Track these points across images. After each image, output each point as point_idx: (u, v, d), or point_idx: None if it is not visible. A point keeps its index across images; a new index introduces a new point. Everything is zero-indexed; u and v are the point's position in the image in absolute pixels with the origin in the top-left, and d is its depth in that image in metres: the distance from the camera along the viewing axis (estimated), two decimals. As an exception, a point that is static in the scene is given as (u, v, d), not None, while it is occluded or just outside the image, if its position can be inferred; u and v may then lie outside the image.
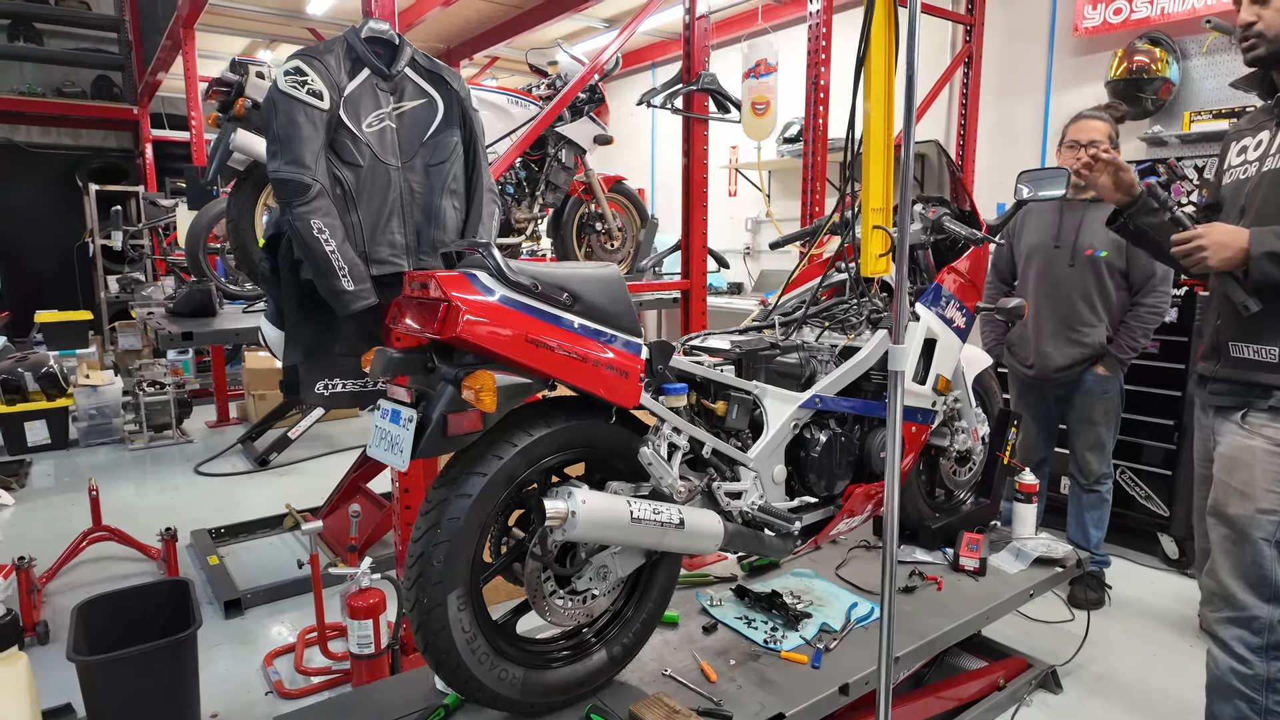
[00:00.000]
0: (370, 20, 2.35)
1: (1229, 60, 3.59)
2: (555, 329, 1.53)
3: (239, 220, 3.25)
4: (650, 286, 3.80)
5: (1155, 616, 3.08)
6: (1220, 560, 1.89)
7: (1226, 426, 1.90)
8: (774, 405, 1.97)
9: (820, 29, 3.61)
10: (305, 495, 4.41)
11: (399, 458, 1.48)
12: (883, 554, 1.57)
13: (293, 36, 6.36)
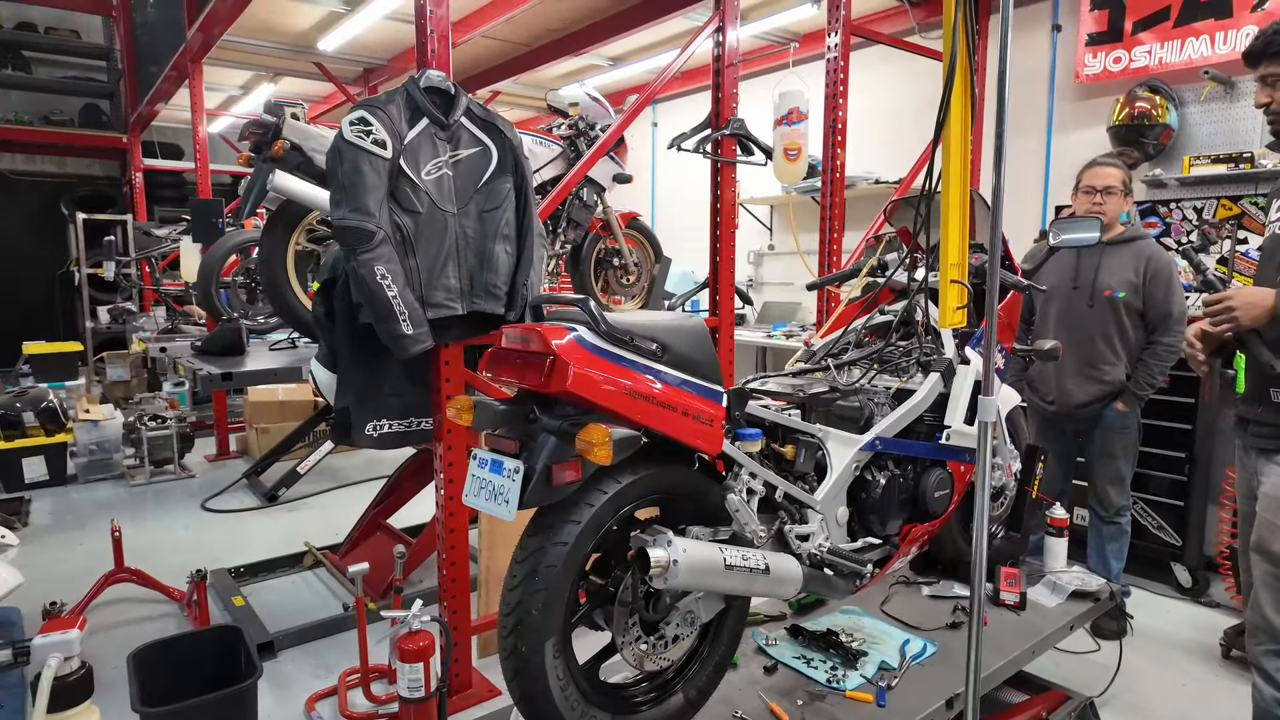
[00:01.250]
0: (429, 70, 2.41)
1: (1224, 109, 3.78)
2: (651, 380, 1.58)
3: (271, 259, 3.26)
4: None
5: (1177, 645, 3.16)
6: (1264, 595, 1.97)
7: (1270, 468, 1.99)
8: (837, 448, 2.03)
9: (838, 63, 3.73)
10: (319, 532, 4.38)
11: (504, 508, 1.50)
12: (971, 590, 1.62)
13: (298, 70, 6.40)
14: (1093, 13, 4.10)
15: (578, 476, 1.53)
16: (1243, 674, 2.93)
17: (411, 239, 2.35)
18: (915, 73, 5.02)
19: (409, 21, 5.20)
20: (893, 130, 5.16)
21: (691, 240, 5.74)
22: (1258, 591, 1.99)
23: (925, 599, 2.65)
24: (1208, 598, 3.54)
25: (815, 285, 2.77)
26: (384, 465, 5.72)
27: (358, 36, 5.40)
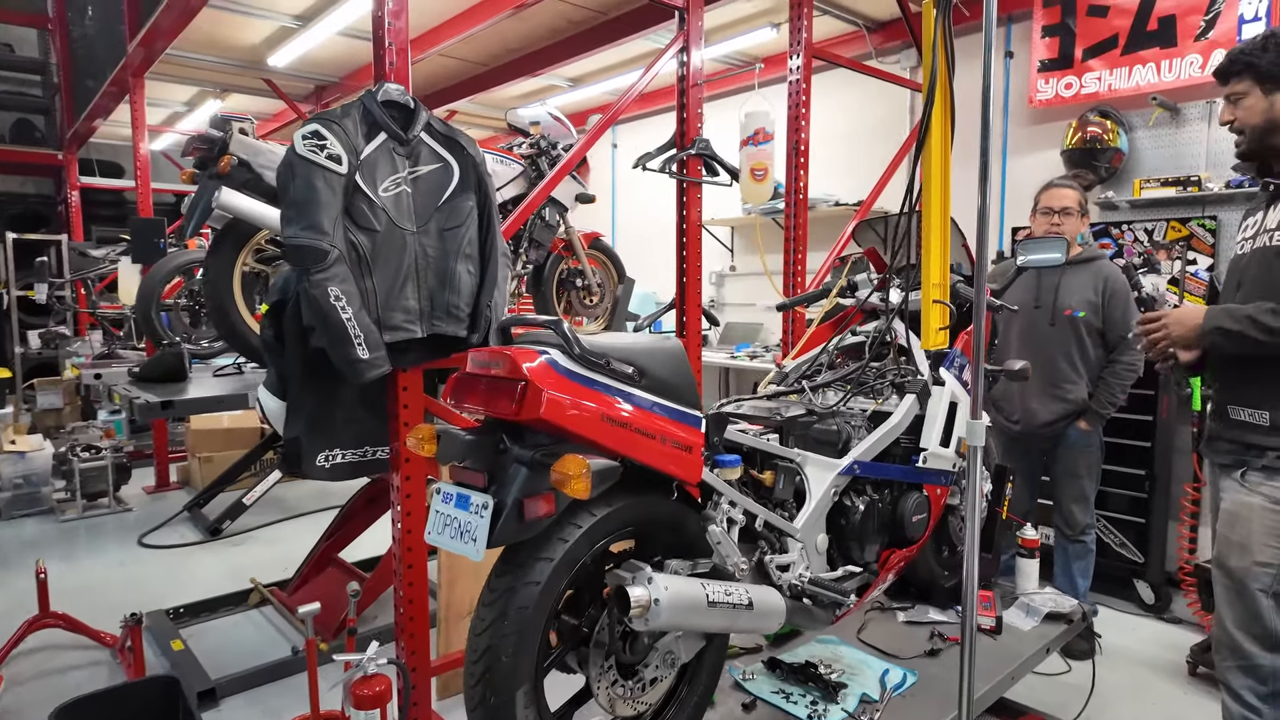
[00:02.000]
0: (387, 84, 2.31)
1: (1171, 134, 3.89)
2: (629, 406, 1.49)
3: (218, 280, 3.10)
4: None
5: (1145, 664, 3.17)
6: (1225, 611, 1.96)
7: (1228, 484, 2.00)
8: (815, 473, 1.97)
9: (800, 85, 3.74)
10: (267, 567, 4.15)
11: (471, 547, 1.40)
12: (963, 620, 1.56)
13: (247, 86, 6.22)
14: (1044, 40, 4.20)
15: (551, 510, 1.43)
16: (1211, 691, 2.95)
17: (368, 258, 2.24)
18: (872, 96, 5.08)
19: (364, 38, 5.08)
20: (851, 153, 5.21)
21: (653, 261, 5.69)
22: (1219, 608, 1.99)
23: (901, 625, 2.59)
24: (1170, 614, 3.57)
25: (785, 306, 2.73)
26: (335, 495, 5.48)
27: (309, 53, 5.26)
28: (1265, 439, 1.88)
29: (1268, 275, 1.83)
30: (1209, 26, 3.66)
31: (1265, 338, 1.73)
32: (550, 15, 4.84)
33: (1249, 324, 1.75)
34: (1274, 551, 1.85)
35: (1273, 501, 1.85)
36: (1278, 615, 1.85)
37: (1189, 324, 1.86)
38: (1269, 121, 1.86)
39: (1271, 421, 1.86)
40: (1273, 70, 1.85)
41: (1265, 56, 1.85)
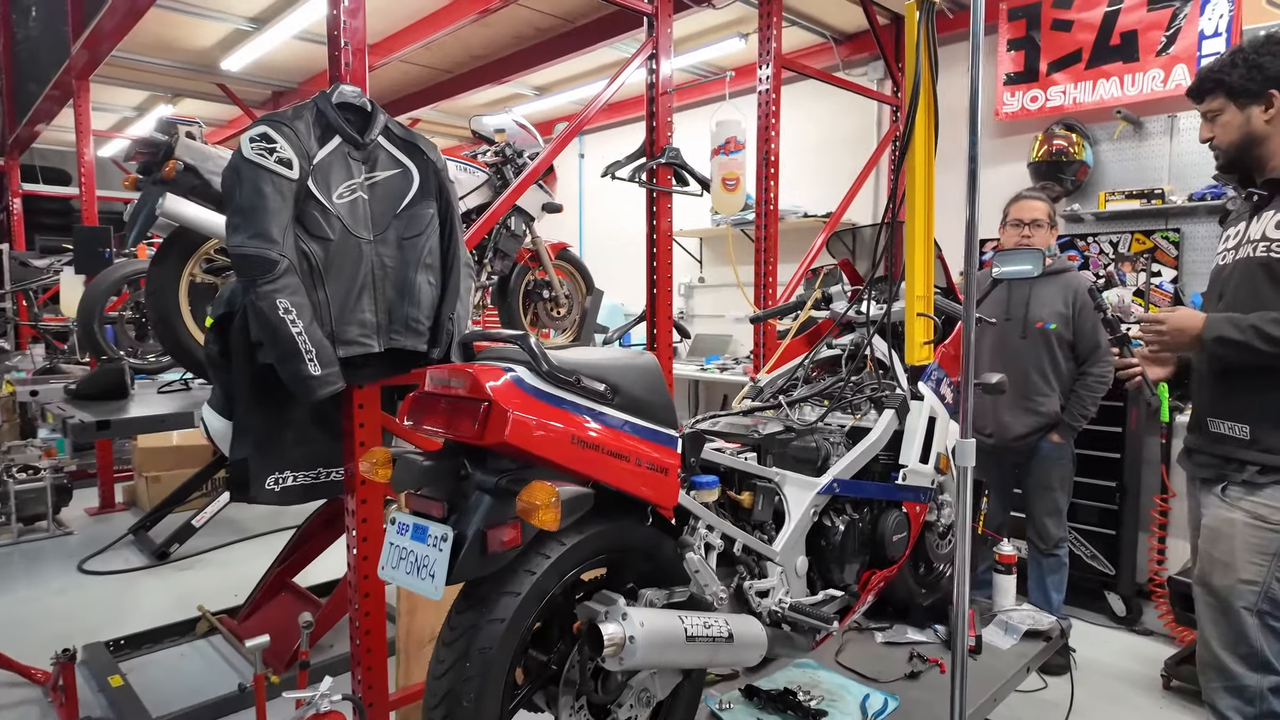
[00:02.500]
0: (342, 85, 2.19)
1: (1134, 147, 3.93)
2: (601, 427, 1.40)
3: (162, 291, 2.93)
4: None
5: (1120, 678, 3.15)
6: (1209, 630, 1.92)
7: (1210, 499, 1.96)
8: (794, 492, 1.89)
9: (770, 95, 3.70)
10: (216, 593, 3.95)
11: (429, 584, 1.28)
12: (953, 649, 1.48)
13: (200, 91, 6.00)
14: (1010, 53, 4.23)
15: (517, 541, 1.32)
16: (1186, 705, 2.93)
17: (321, 268, 2.11)
18: (839, 108, 5.08)
19: (322, 42, 4.94)
20: (818, 165, 5.19)
21: (621, 272, 5.61)
22: (1203, 627, 1.95)
23: (880, 646, 2.52)
24: (1142, 625, 3.56)
25: (759, 318, 2.66)
26: (290, 516, 5.27)
27: (265, 57, 5.09)
28: (1245, 453, 1.85)
29: (1250, 288, 1.80)
30: (1170, 42, 3.71)
31: (1269, 348, 1.70)
32: (515, 22, 4.75)
33: (1253, 334, 1.71)
34: (1258, 569, 1.81)
35: (1255, 517, 1.82)
36: (1263, 634, 1.81)
37: (1189, 331, 1.81)
38: (1246, 135, 1.84)
39: (1251, 435, 1.83)
40: (1244, 85, 1.83)
41: (1235, 72, 1.84)
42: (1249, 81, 1.83)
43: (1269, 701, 1.81)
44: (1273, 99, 1.79)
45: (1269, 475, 1.80)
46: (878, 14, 4.47)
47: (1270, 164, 1.82)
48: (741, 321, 5.62)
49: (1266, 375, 1.77)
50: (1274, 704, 1.80)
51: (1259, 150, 1.83)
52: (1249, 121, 1.83)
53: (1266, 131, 1.81)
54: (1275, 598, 1.80)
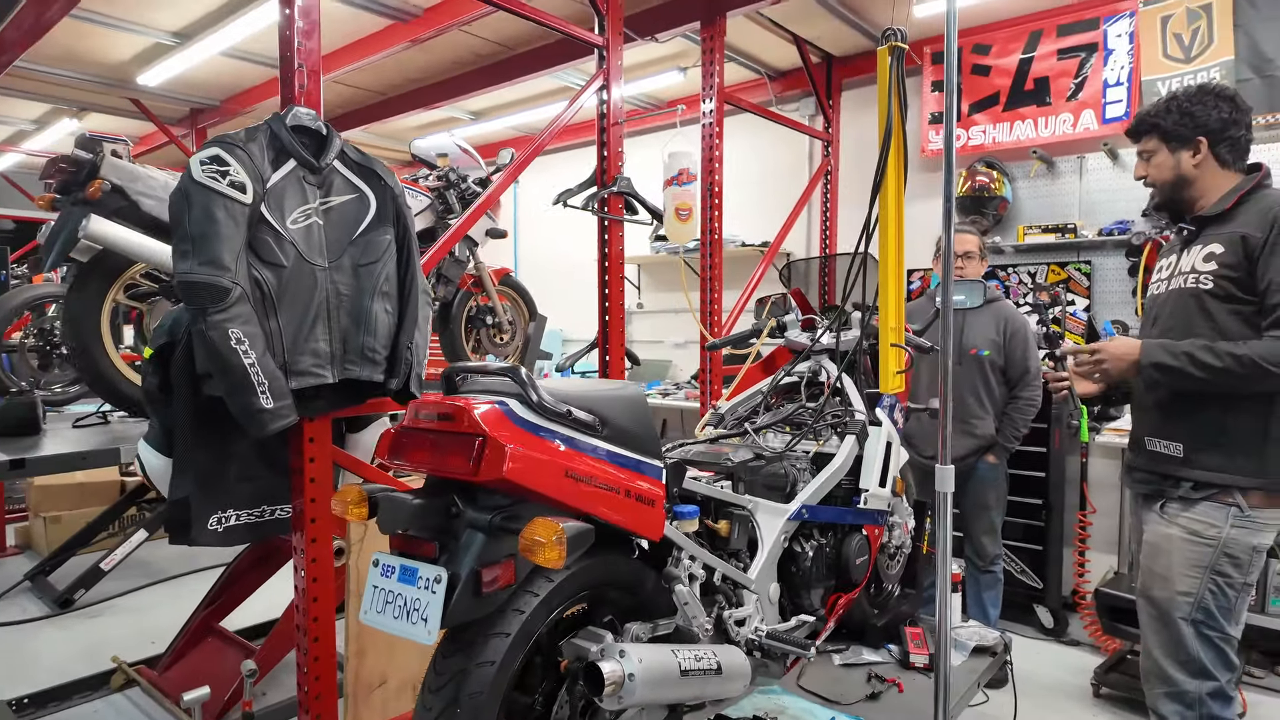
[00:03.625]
0: (296, 107, 2.12)
1: (1048, 184, 4.21)
2: (591, 460, 1.38)
3: (83, 319, 2.74)
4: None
5: (1052, 688, 3.29)
6: (1151, 639, 2.04)
7: (1150, 515, 2.09)
8: (766, 520, 1.91)
9: (714, 128, 3.79)
10: (131, 642, 3.66)
11: (420, 628, 1.23)
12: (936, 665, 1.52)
13: (109, 106, 5.67)
14: (934, 94, 4.47)
15: (511, 580, 1.29)
16: (1116, 711, 3.09)
17: (273, 296, 2.02)
18: (772, 142, 5.24)
19: (250, 59, 4.77)
20: (753, 196, 5.33)
21: (558, 298, 5.59)
22: (1145, 637, 2.07)
23: (838, 668, 2.56)
24: (1068, 636, 3.75)
25: (715, 345, 2.70)
26: (209, 556, 4.95)
27: (187, 73, 4.87)
28: (1179, 470, 1.98)
29: (1182, 317, 1.95)
30: (1078, 89, 4.01)
31: (1200, 373, 1.83)
32: (455, 47, 4.71)
33: (1186, 360, 1.85)
34: (1193, 581, 1.93)
35: (1190, 533, 1.94)
36: (1199, 642, 1.94)
37: (1126, 358, 1.94)
38: (1177, 177, 2.00)
39: (1185, 454, 1.96)
40: (1176, 130, 1.99)
41: (1169, 118, 2.01)
42: (1180, 127, 1.99)
43: (1208, 706, 1.93)
44: (1200, 145, 1.96)
45: (1202, 491, 1.93)
46: (810, 53, 4.66)
47: (1199, 203, 1.98)
48: (683, 347, 5.68)
49: (1199, 398, 1.91)
50: (1212, 708, 1.92)
51: (1189, 190, 1.99)
52: (1179, 164, 2.00)
53: (1195, 174, 1.98)
54: (1208, 608, 1.93)
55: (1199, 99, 1.95)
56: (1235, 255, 1.85)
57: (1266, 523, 1.90)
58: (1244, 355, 1.79)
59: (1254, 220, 1.85)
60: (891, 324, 1.60)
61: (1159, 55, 3.78)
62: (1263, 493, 1.88)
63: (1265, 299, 1.82)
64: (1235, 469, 1.89)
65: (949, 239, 1.53)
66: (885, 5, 4.09)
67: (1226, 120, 1.92)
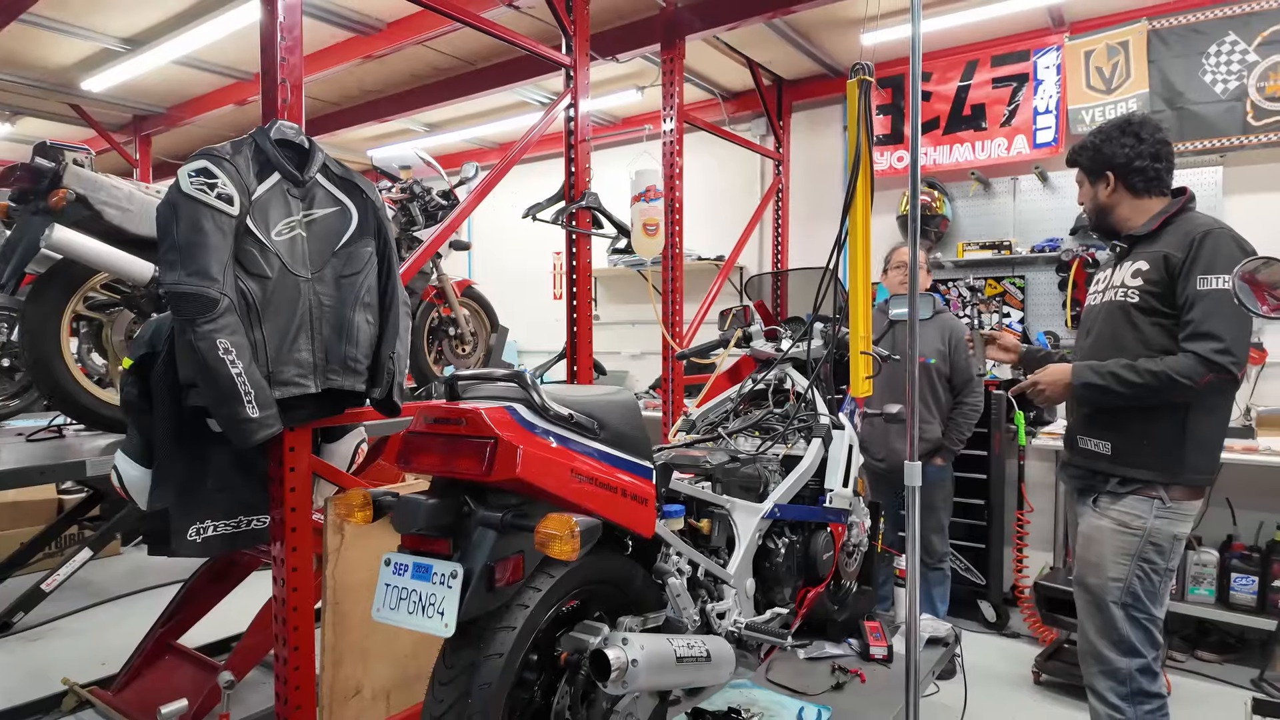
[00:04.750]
0: (280, 121, 2.15)
1: (985, 204, 4.49)
2: (595, 461, 1.47)
3: (41, 330, 2.68)
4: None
5: (997, 678, 3.49)
6: (1086, 624, 2.23)
7: (1084, 509, 2.29)
8: (743, 518, 2.02)
9: (674, 146, 3.93)
10: (79, 663, 3.55)
11: (437, 621, 1.29)
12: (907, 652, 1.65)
13: (46, 111, 5.49)
14: (879, 117, 4.71)
15: (520, 575, 1.37)
16: (1057, 696, 3.30)
17: (258, 307, 2.04)
18: (725, 160, 5.42)
19: (204, 68, 4.70)
20: (708, 212, 5.49)
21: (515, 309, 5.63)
22: (1082, 621, 2.25)
23: (803, 662, 2.68)
24: (1010, 629, 3.97)
25: (684, 355, 2.81)
26: (153, 574, 4.83)
27: (135, 80, 4.76)
28: (1109, 467, 2.17)
29: (1111, 327, 2.15)
30: (1011, 115, 4.30)
31: (1124, 390, 2.03)
32: (413, 61, 4.75)
33: (1111, 379, 2.04)
34: (1122, 568, 2.12)
35: (1119, 524, 2.13)
36: (1129, 624, 2.12)
37: (1060, 382, 2.15)
38: (1096, 206, 2.22)
39: (1113, 451, 2.16)
40: (1091, 166, 2.22)
41: (1085, 154, 2.23)
42: (1093, 163, 2.21)
43: (1137, 680, 2.12)
44: (1109, 178, 2.17)
45: (1128, 486, 2.12)
46: (762, 75, 4.86)
47: (1127, 225, 2.19)
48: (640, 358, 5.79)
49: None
50: (1141, 682, 2.11)
51: (1110, 216, 2.20)
52: (1097, 195, 2.21)
53: (1110, 203, 2.19)
54: (1136, 592, 2.12)
55: (1107, 136, 2.17)
56: (1159, 272, 2.06)
57: (1186, 514, 2.10)
58: (1160, 371, 1.99)
59: (1176, 241, 2.05)
60: (861, 333, 1.73)
61: (1083, 86, 4.09)
62: (1182, 487, 2.08)
63: (1183, 314, 2.02)
64: (1157, 466, 2.08)
65: (914, 254, 1.67)
66: (833, 32, 4.32)
67: (1130, 154, 2.13)
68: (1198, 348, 1.97)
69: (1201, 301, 1.97)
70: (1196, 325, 1.98)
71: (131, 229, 2.74)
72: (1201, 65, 3.78)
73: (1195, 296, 1.99)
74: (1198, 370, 1.96)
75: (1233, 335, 1.96)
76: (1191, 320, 2.00)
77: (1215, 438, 2.12)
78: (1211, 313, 1.95)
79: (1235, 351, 1.96)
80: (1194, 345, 1.98)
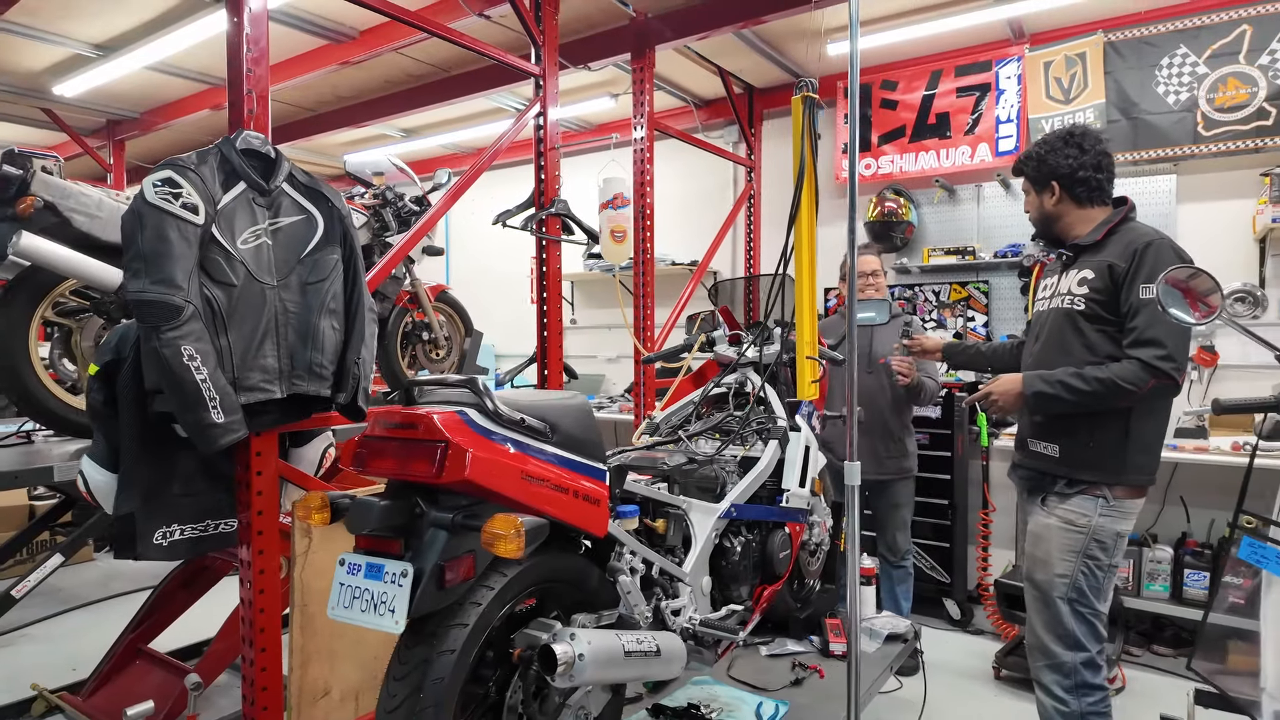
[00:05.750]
0: (246, 131, 2.19)
1: (950, 210, 4.59)
2: (543, 463, 1.52)
3: (9, 337, 2.69)
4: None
5: (959, 673, 3.58)
6: (1034, 618, 2.31)
7: (1034, 508, 2.37)
8: (699, 518, 2.08)
9: (644, 154, 3.99)
10: (48, 669, 3.54)
11: (389, 618, 1.34)
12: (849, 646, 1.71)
13: (16, 114, 5.46)
14: (847, 125, 4.79)
15: (471, 574, 1.42)
16: (1014, 690, 3.39)
17: (223, 314, 2.08)
18: (699, 166, 5.49)
19: (175, 74, 4.71)
20: (682, 217, 5.56)
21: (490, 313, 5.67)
22: (1030, 615, 2.33)
23: (764, 659, 2.75)
24: (974, 626, 4.06)
25: (650, 359, 2.87)
26: (124, 581, 4.83)
27: (108, 85, 4.76)
28: (1056, 468, 2.25)
29: (1058, 333, 2.23)
30: (974, 124, 4.40)
31: (1073, 397, 2.10)
32: (388, 67, 4.78)
33: (1060, 387, 2.12)
34: (1068, 564, 2.20)
35: (1065, 522, 2.21)
36: (1074, 618, 2.20)
37: (1012, 392, 2.22)
38: (1042, 214, 2.31)
39: (1060, 454, 2.24)
40: (1036, 176, 2.30)
41: (1030, 164, 2.31)
42: (1037, 174, 2.29)
43: (1080, 673, 2.20)
44: (1054, 189, 2.25)
45: (1075, 487, 2.20)
46: (733, 84, 4.94)
47: (1071, 233, 2.27)
48: (616, 362, 5.85)
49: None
50: (1085, 675, 2.19)
51: (1056, 225, 2.29)
52: (1042, 204, 2.30)
53: (1056, 212, 2.27)
54: (1081, 588, 2.20)
55: (1051, 146, 2.25)
56: (1103, 281, 2.14)
57: (1129, 511, 2.19)
58: (1107, 378, 2.06)
59: (1119, 251, 2.13)
60: (807, 338, 1.80)
61: (1043, 96, 4.20)
62: (1125, 486, 2.17)
63: (1127, 321, 2.10)
64: (1102, 467, 2.17)
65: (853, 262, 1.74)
66: (800, 42, 4.40)
67: (1074, 165, 2.21)
68: (1141, 354, 2.04)
69: (1145, 309, 2.05)
70: (1140, 332, 2.06)
71: (100, 235, 2.76)
72: (1155, 77, 3.90)
73: (1138, 305, 2.07)
74: (1141, 376, 2.04)
75: (1174, 342, 2.04)
76: (1135, 327, 2.07)
77: (1156, 439, 2.21)
78: (1154, 320, 2.01)
79: (1176, 357, 2.04)
80: (1138, 352, 2.05)
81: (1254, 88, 3.67)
